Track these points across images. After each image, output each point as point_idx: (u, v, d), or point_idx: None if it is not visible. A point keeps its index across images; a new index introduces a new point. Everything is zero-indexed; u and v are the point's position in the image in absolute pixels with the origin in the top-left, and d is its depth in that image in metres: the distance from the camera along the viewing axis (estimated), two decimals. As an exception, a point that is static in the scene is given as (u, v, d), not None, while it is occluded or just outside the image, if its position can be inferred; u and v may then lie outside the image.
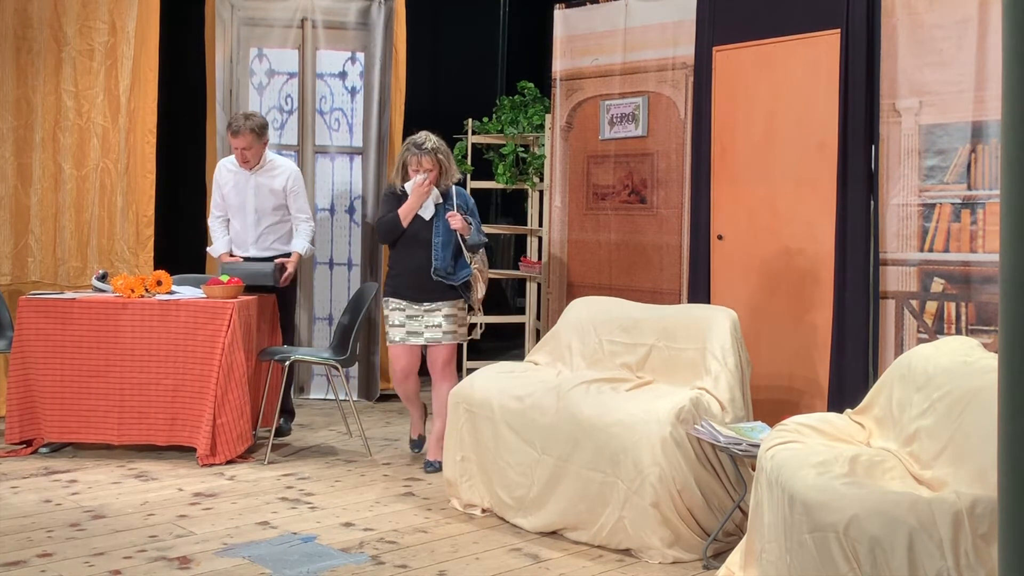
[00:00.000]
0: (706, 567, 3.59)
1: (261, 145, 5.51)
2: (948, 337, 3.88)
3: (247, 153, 5.46)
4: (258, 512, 4.17)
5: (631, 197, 5.71)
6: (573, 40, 6.07)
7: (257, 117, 5.53)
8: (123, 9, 6.13)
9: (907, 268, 4.51)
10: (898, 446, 3.15)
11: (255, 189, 5.55)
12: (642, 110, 5.68)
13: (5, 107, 5.95)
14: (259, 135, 5.47)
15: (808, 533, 2.64)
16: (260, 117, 5.56)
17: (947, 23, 4.38)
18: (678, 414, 3.69)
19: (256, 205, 5.56)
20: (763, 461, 3.07)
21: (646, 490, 3.64)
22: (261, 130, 5.49)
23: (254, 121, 5.47)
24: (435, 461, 4.88)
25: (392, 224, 4.89)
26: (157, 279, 5.25)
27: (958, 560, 2.42)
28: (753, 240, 5.08)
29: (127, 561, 3.53)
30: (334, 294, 6.83)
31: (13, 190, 6.00)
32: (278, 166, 5.61)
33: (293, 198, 5.59)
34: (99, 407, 5.00)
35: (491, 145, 7.11)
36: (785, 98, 4.95)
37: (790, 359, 4.90)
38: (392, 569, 3.52)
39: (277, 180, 5.55)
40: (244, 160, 5.49)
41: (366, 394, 6.77)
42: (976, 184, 4.31)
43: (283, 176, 5.56)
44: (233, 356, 4.94)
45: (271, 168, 5.57)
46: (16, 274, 6.01)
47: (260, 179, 5.55)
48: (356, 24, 6.79)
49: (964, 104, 4.33)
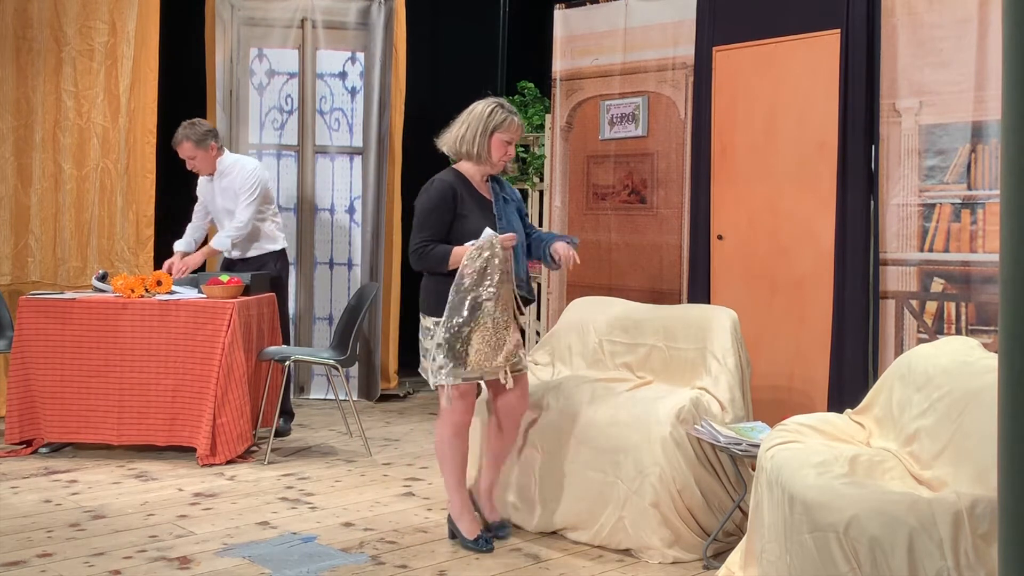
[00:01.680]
0: (706, 567, 3.59)
1: (206, 152, 5.43)
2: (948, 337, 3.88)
3: (192, 163, 5.46)
4: (258, 512, 4.17)
5: (631, 197, 5.71)
6: (573, 40, 6.07)
7: (199, 125, 5.44)
8: (123, 9, 6.13)
9: (907, 268, 4.51)
10: (898, 446, 3.15)
11: (220, 193, 5.56)
12: (642, 110, 5.68)
13: (5, 107, 5.95)
14: (199, 143, 5.39)
15: (808, 533, 2.64)
16: (203, 125, 5.47)
17: (947, 23, 4.37)
18: (678, 414, 3.69)
19: (225, 208, 5.56)
20: (763, 461, 3.07)
21: (646, 490, 3.64)
22: (202, 138, 5.40)
23: (194, 129, 5.40)
24: (505, 521, 3.95)
25: (438, 263, 3.69)
26: (157, 279, 5.25)
27: (958, 560, 2.42)
28: (753, 240, 5.08)
29: (127, 561, 3.53)
30: (334, 294, 6.83)
31: (13, 190, 6.00)
32: (229, 167, 5.52)
33: (239, 195, 5.49)
34: (99, 407, 5.00)
35: (491, 145, 7.10)
36: (785, 98, 4.95)
37: (790, 359, 4.90)
38: (392, 569, 3.52)
39: (228, 181, 5.53)
40: (192, 168, 5.49)
41: (366, 394, 6.77)
42: (976, 184, 4.31)
43: (232, 175, 5.51)
44: (233, 356, 4.93)
45: (226, 171, 5.52)
46: (16, 274, 6.02)
47: (219, 183, 5.55)
48: (356, 24, 6.79)
49: (964, 104, 4.33)
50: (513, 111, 3.78)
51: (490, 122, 3.72)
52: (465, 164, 3.82)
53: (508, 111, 3.75)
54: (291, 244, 6.52)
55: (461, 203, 3.73)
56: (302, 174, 6.81)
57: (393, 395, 6.92)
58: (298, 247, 6.75)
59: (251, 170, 5.51)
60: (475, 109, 3.78)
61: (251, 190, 5.47)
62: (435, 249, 3.68)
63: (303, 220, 6.80)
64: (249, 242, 5.58)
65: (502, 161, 3.77)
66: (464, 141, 3.75)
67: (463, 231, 3.70)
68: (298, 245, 6.76)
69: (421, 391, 7.13)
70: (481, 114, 3.74)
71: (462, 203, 3.73)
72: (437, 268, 3.69)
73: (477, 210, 3.75)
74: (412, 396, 6.98)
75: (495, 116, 3.72)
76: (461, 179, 3.79)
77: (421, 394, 7.05)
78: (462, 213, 3.72)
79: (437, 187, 3.75)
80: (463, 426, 3.75)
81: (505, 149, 3.75)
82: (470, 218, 3.71)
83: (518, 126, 3.78)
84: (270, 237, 5.65)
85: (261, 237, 5.62)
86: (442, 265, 3.67)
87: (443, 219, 3.71)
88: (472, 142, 3.73)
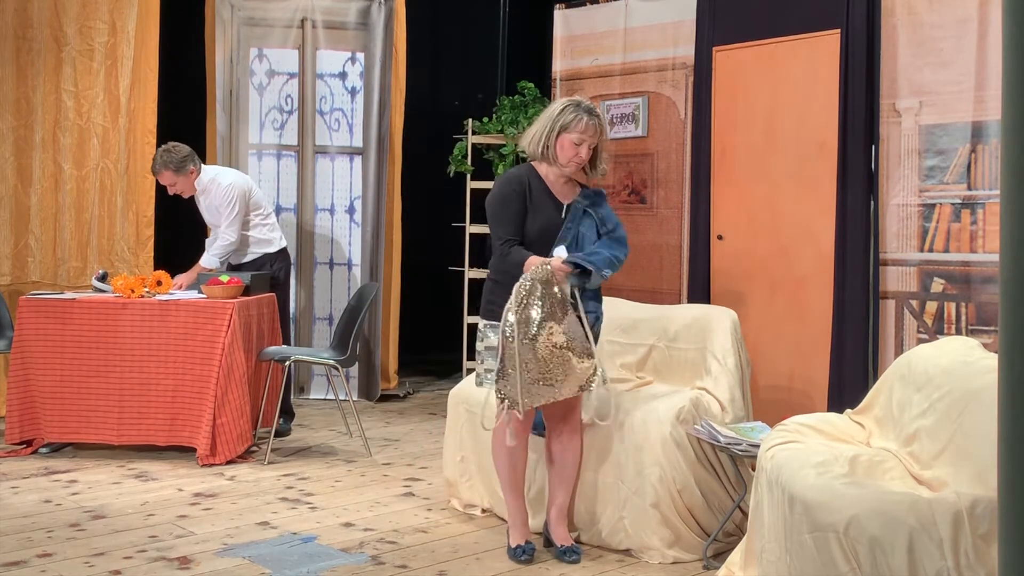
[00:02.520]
0: (706, 567, 3.59)
1: (186, 177, 5.41)
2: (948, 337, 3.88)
3: (173, 189, 5.47)
4: (258, 512, 4.17)
5: (631, 197, 5.71)
6: (573, 40, 6.07)
7: (176, 151, 5.37)
8: (123, 9, 6.13)
9: (907, 268, 4.51)
10: (898, 446, 3.15)
11: (207, 210, 5.59)
12: (642, 110, 5.68)
13: (5, 107, 5.95)
14: (178, 170, 5.37)
15: (808, 533, 2.64)
16: (180, 150, 5.39)
17: (947, 23, 4.37)
18: (678, 414, 3.69)
19: (213, 223, 5.59)
20: (763, 461, 3.07)
21: (646, 490, 3.64)
22: (181, 164, 5.36)
23: (171, 156, 5.36)
24: (574, 546, 3.67)
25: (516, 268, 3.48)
26: (157, 279, 5.25)
27: (958, 560, 2.42)
28: (753, 240, 5.08)
29: (127, 561, 3.53)
30: (334, 294, 6.83)
31: (13, 190, 6.00)
32: (207, 185, 5.48)
33: (221, 214, 5.48)
34: (99, 407, 5.00)
35: (491, 145, 7.11)
36: (785, 98, 4.95)
37: (790, 359, 4.90)
38: (392, 569, 3.52)
39: (208, 199, 5.52)
40: (175, 193, 5.50)
41: (366, 394, 6.77)
42: (976, 184, 4.31)
43: (210, 194, 5.49)
44: (233, 356, 4.93)
45: (205, 189, 5.50)
46: (16, 274, 6.01)
47: (203, 201, 5.56)
48: (356, 24, 6.79)
49: (964, 104, 4.33)
50: (590, 109, 3.52)
51: (559, 121, 3.50)
52: (543, 164, 3.62)
53: (582, 110, 3.50)
54: (291, 244, 6.51)
55: (528, 197, 3.55)
56: (302, 174, 6.81)
57: (393, 395, 6.92)
58: (298, 247, 6.75)
59: (226, 187, 5.46)
60: (550, 108, 3.59)
61: (230, 207, 5.45)
62: (514, 254, 3.50)
63: (303, 220, 6.80)
64: (241, 250, 5.59)
65: (571, 163, 3.53)
66: (534, 140, 3.57)
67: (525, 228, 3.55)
68: (298, 245, 6.75)
69: (421, 391, 7.13)
70: (552, 112, 3.55)
71: (530, 198, 3.55)
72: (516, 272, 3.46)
73: (544, 210, 3.56)
74: (412, 396, 6.98)
75: (565, 115, 3.50)
76: (533, 174, 3.60)
77: (421, 394, 7.05)
78: (531, 209, 3.55)
79: (505, 178, 3.61)
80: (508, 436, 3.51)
81: (575, 151, 3.50)
82: (532, 216, 3.55)
83: (590, 126, 3.49)
84: (261, 241, 5.64)
85: (251, 244, 5.62)
86: (518, 271, 3.46)
87: (515, 210, 3.53)
88: (539, 141, 3.54)
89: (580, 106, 3.52)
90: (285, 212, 6.74)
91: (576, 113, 3.50)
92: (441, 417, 5.48)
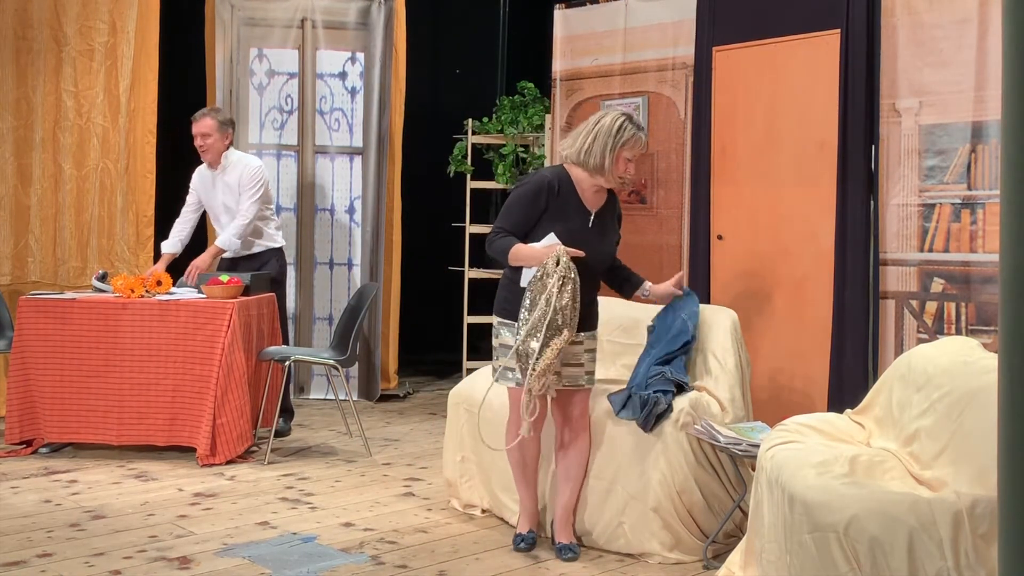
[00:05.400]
0: (706, 567, 3.59)
1: (222, 136, 5.50)
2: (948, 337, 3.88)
3: (206, 141, 5.48)
4: (258, 512, 4.17)
5: (631, 197, 5.71)
6: (573, 40, 6.07)
7: (223, 111, 5.62)
8: (123, 9, 6.14)
9: (907, 268, 4.51)
10: (898, 446, 3.15)
11: (222, 189, 5.58)
12: (642, 110, 5.68)
13: (5, 107, 5.95)
14: (220, 125, 5.49)
15: (808, 533, 2.64)
16: (224, 112, 5.65)
17: (947, 23, 4.37)
18: (677, 415, 3.69)
19: (225, 204, 5.58)
20: (763, 461, 3.07)
21: (646, 494, 3.64)
22: (224, 123, 5.52)
23: (218, 112, 5.59)
24: (571, 544, 3.72)
25: (500, 254, 3.62)
26: (157, 279, 5.25)
27: (958, 560, 2.42)
28: (753, 240, 5.08)
29: (127, 561, 3.53)
30: (334, 294, 6.83)
31: (13, 190, 6.00)
32: (233, 162, 5.57)
33: (242, 192, 5.52)
34: (99, 407, 5.00)
35: (491, 145, 7.11)
36: (785, 98, 4.95)
37: (790, 359, 4.90)
38: (392, 569, 3.52)
39: (232, 176, 5.54)
40: (202, 149, 5.50)
41: (366, 394, 6.77)
42: (976, 184, 4.31)
43: (236, 171, 5.53)
44: (233, 356, 4.93)
45: (230, 166, 5.55)
46: (16, 274, 6.01)
47: (223, 178, 5.56)
48: (356, 24, 6.80)
49: (964, 104, 4.33)
50: (641, 126, 3.64)
51: (619, 139, 3.58)
52: (577, 169, 3.66)
53: (636, 126, 3.61)
54: (291, 244, 6.53)
55: (554, 200, 3.59)
56: (302, 174, 6.81)
57: (393, 395, 6.92)
58: (298, 247, 6.75)
59: (256, 167, 5.56)
60: (603, 121, 3.62)
61: (256, 187, 5.51)
62: (503, 240, 3.58)
63: (303, 220, 6.80)
64: (251, 239, 5.59)
65: (621, 178, 3.65)
66: (591, 154, 3.59)
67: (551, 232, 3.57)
68: (298, 245, 6.76)
69: (421, 391, 7.13)
70: (611, 128, 3.59)
71: (555, 202, 3.59)
72: (499, 259, 3.62)
73: (572, 216, 3.61)
74: (412, 396, 6.98)
75: (624, 132, 3.58)
76: (566, 179, 3.64)
77: (421, 394, 7.05)
78: (555, 213, 3.59)
79: (536, 180, 3.63)
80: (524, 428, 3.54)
81: (627, 166, 3.62)
82: (561, 220, 3.58)
83: (643, 144, 3.65)
84: (271, 235, 5.67)
85: (263, 235, 5.63)
86: (502, 257, 3.59)
87: (529, 214, 3.59)
88: (599, 155, 3.58)
89: (633, 121, 3.61)
90: (285, 212, 6.74)
91: (634, 130, 3.59)
92: (441, 417, 5.48)
